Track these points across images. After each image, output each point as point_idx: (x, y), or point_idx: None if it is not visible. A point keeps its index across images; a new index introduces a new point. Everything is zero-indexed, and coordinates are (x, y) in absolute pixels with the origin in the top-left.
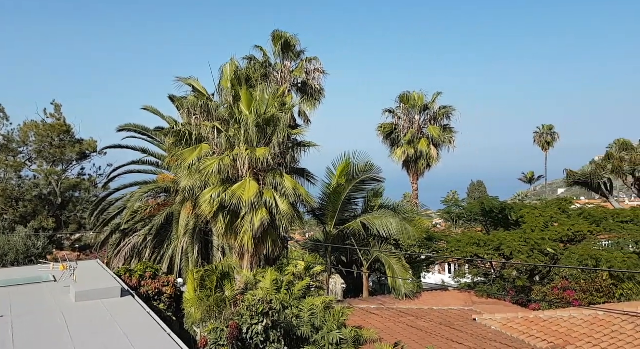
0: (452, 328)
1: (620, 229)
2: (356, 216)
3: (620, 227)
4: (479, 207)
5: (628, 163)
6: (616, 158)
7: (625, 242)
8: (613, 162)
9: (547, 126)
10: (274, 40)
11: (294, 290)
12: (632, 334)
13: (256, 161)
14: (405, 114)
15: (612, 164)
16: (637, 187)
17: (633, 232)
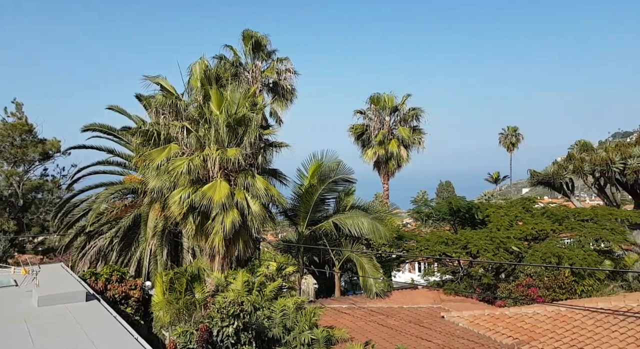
0: (421, 326)
1: (581, 228)
2: (328, 216)
3: (581, 226)
4: (447, 206)
5: (588, 164)
6: (577, 159)
7: (586, 240)
8: (574, 162)
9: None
10: (244, 40)
11: (265, 291)
12: (592, 329)
13: (227, 162)
14: (375, 116)
15: (573, 165)
16: (596, 186)
17: (593, 231)
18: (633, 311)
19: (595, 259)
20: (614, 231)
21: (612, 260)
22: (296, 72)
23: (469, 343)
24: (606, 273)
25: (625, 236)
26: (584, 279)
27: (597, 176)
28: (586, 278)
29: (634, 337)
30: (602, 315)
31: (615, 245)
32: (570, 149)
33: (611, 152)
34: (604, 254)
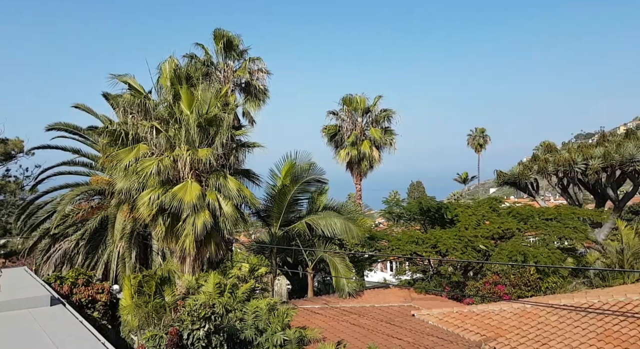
0: (392, 324)
1: (545, 226)
2: (301, 217)
3: (545, 225)
4: (418, 206)
5: (552, 164)
6: (541, 159)
7: (550, 238)
8: (539, 163)
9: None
10: (216, 39)
11: (237, 293)
12: (555, 325)
13: (198, 162)
14: (348, 117)
15: (537, 165)
16: (560, 186)
17: (556, 229)
18: (594, 307)
19: (559, 257)
20: (576, 229)
21: (575, 258)
22: (269, 72)
23: (438, 341)
24: (569, 271)
25: (587, 234)
26: (548, 276)
27: (560, 176)
28: (550, 275)
29: (594, 332)
30: (565, 311)
31: (578, 243)
32: (535, 150)
33: (573, 153)
34: (567, 252)
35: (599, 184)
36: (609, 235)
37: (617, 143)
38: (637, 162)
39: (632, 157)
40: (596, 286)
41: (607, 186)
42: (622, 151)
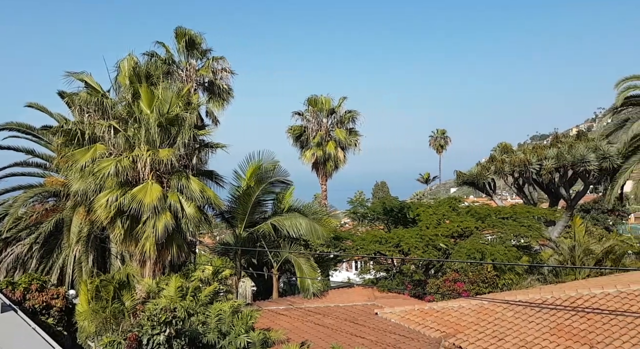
0: (356, 323)
1: (501, 225)
2: (266, 218)
3: (501, 223)
4: (381, 207)
5: (508, 165)
6: (498, 160)
7: (506, 236)
8: (496, 164)
9: (440, 130)
10: (178, 37)
11: (200, 296)
12: (512, 320)
13: (159, 163)
14: (313, 117)
15: (495, 166)
16: (516, 186)
17: (512, 228)
18: (547, 302)
19: (515, 254)
20: (531, 227)
21: (530, 255)
22: (233, 71)
23: (399, 338)
24: (524, 268)
25: (541, 232)
26: (504, 273)
27: (516, 176)
28: (507, 272)
29: (548, 327)
30: (520, 307)
31: (533, 241)
32: (493, 151)
33: (528, 154)
34: (523, 250)
35: (553, 184)
36: (562, 233)
37: (569, 144)
38: (588, 163)
39: (583, 158)
40: (550, 282)
41: (560, 185)
42: (573, 152)
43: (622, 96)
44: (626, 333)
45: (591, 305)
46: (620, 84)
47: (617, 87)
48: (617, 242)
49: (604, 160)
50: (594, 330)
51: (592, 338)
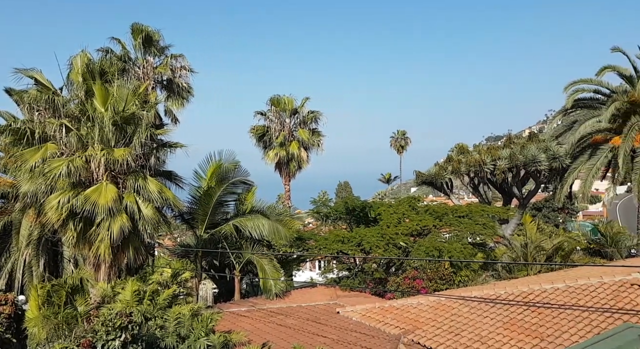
0: (318, 323)
1: (458, 223)
2: (228, 219)
3: (458, 222)
4: (344, 206)
5: (464, 165)
6: (455, 161)
7: (462, 234)
8: (452, 164)
9: (401, 131)
10: (134, 34)
11: (158, 300)
12: (467, 315)
13: (114, 163)
14: (276, 117)
15: (452, 166)
16: (471, 185)
17: (468, 226)
18: (501, 298)
19: (470, 251)
20: (485, 226)
21: (485, 252)
22: (192, 69)
23: (360, 336)
24: (480, 264)
25: (495, 230)
26: (461, 270)
27: (472, 176)
28: (463, 269)
29: (501, 321)
30: (475, 303)
31: (488, 238)
32: (450, 152)
33: (483, 155)
34: (478, 247)
35: (506, 183)
36: (515, 230)
37: (521, 145)
38: (539, 163)
39: (534, 158)
40: (503, 278)
41: (512, 184)
42: (525, 153)
43: (571, 99)
44: (574, 326)
45: (542, 300)
46: (569, 87)
47: (566, 90)
48: (566, 239)
49: (554, 160)
50: (544, 324)
51: (542, 332)
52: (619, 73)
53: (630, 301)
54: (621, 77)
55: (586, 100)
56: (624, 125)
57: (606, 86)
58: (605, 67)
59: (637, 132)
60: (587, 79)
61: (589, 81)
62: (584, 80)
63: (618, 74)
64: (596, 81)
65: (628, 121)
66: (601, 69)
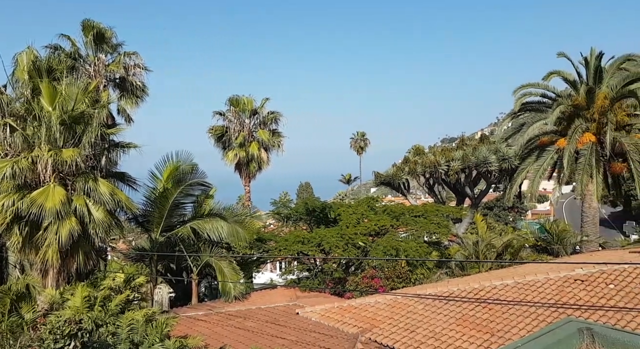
0: (277, 324)
1: (414, 223)
2: (185, 221)
3: (414, 221)
4: (304, 207)
5: (420, 166)
6: (412, 162)
7: (418, 233)
8: (409, 165)
9: (360, 133)
10: (85, 30)
11: (110, 306)
12: (422, 312)
13: (62, 164)
14: (235, 118)
15: (408, 167)
16: (427, 186)
17: (424, 225)
18: (454, 295)
19: (426, 250)
20: (440, 225)
21: (439, 250)
22: (147, 68)
23: (319, 336)
24: (434, 262)
25: (449, 229)
26: (417, 268)
27: (427, 176)
28: (419, 267)
29: (454, 318)
30: (430, 300)
31: (443, 237)
32: (407, 153)
33: (438, 156)
34: (434, 246)
35: (459, 184)
36: (468, 229)
37: (473, 147)
38: (489, 164)
39: (485, 159)
40: (456, 275)
41: (465, 185)
42: (477, 154)
43: (519, 102)
44: (522, 320)
45: (492, 296)
46: (517, 91)
47: (515, 93)
48: (515, 237)
49: (504, 161)
50: (494, 319)
51: (492, 327)
52: (564, 78)
53: (574, 296)
54: (566, 82)
55: (534, 103)
56: (568, 127)
57: (552, 90)
58: (552, 72)
59: (580, 134)
60: (535, 83)
61: (536, 85)
62: (532, 84)
63: (563, 79)
64: (543, 85)
65: (572, 123)
66: (548, 74)
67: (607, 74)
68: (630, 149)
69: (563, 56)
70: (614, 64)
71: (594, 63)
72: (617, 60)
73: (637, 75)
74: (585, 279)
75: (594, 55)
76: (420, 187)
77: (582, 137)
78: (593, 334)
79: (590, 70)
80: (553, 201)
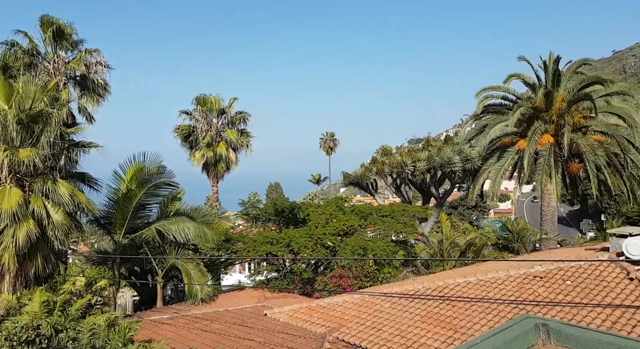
0: (245, 326)
1: (381, 222)
2: (150, 223)
3: (381, 221)
4: (273, 207)
5: (388, 166)
6: (379, 162)
7: (385, 233)
8: (377, 165)
9: (329, 133)
10: (43, 27)
11: (71, 310)
12: (389, 311)
13: (19, 164)
14: (202, 117)
15: (376, 167)
16: (394, 186)
17: (391, 225)
18: (419, 293)
19: (393, 249)
20: (406, 224)
21: (406, 249)
22: (109, 65)
23: (287, 337)
24: (400, 261)
25: (415, 228)
26: (384, 267)
27: (394, 176)
28: (386, 266)
29: (419, 315)
30: (396, 298)
31: (409, 236)
32: (375, 154)
33: (404, 157)
34: (400, 245)
35: (425, 184)
36: (434, 228)
37: (438, 148)
38: (453, 164)
39: (449, 160)
40: (422, 273)
41: (431, 185)
42: (441, 155)
43: (482, 105)
44: (484, 317)
45: (456, 293)
46: (480, 94)
47: (477, 96)
48: (477, 235)
49: (467, 162)
50: (458, 316)
51: (456, 324)
52: (524, 81)
53: (533, 292)
54: (526, 84)
55: (495, 106)
56: (528, 129)
57: (513, 93)
58: (512, 75)
59: (539, 135)
60: (496, 86)
61: (498, 88)
62: (493, 87)
63: (523, 81)
64: (504, 88)
65: (532, 125)
66: (508, 77)
67: (564, 77)
68: (586, 150)
69: (523, 60)
70: (571, 67)
71: (552, 67)
72: (574, 64)
73: (592, 79)
74: (543, 276)
75: (552, 59)
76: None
77: (541, 138)
78: (549, 330)
79: (549, 73)
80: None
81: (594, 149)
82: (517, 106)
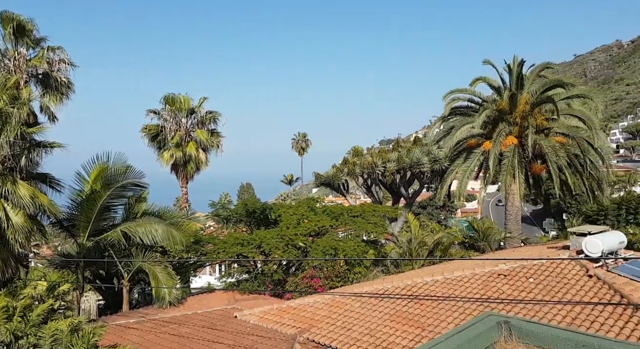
0: (214, 329)
1: (352, 223)
2: (116, 225)
3: (352, 221)
4: (244, 208)
5: (359, 167)
6: (350, 163)
7: (356, 233)
8: (348, 166)
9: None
10: (3, 23)
11: (32, 316)
12: (359, 310)
13: None
14: (171, 117)
15: (347, 168)
16: (365, 186)
17: (361, 225)
18: (388, 292)
19: (363, 249)
20: (376, 224)
21: (376, 249)
22: (73, 63)
23: (257, 339)
24: (371, 261)
25: (385, 228)
26: (354, 267)
27: (365, 177)
28: (356, 266)
29: (389, 314)
30: (366, 298)
31: (380, 236)
32: (347, 155)
33: (375, 157)
34: (371, 244)
35: (395, 184)
36: (404, 228)
37: (407, 149)
38: (422, 165)
39: (418, 161)
40: (392, 272)
41: (400, 185)
42: (411, 156)
43: (449, 107)
44: (451, 315)
45: (424, 292)
46: (447, 96)
47: (445, 98)
48: (445, 235)
49: (435, 163)
50: (425, 314)
51: (424, 322)
52: (489, 84)
53: (498, 290)
54: (491, 87)
55: (462, 108)
56: (493, 131)
57: (479, 96)
58: (478, 78)
59: (504, 137)
60: (463, 88)
61: (464, 91)
62: (460, 89)
63: (489, 84)
64: (470, 91)
65: (497, 127)
66: (474, 80)
67: (528, 80)
68: (549, 152)
69: (488, 64)
70: (534, 71)
71: (516, 70)
72: (537, 68)
73: (554, 82)
74: (507, 274)
75: (516, 62)
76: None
77: (505, 140)
78: (510, 328)
79: (513, 77)
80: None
81: (555, 150)
82: (483, 108)
